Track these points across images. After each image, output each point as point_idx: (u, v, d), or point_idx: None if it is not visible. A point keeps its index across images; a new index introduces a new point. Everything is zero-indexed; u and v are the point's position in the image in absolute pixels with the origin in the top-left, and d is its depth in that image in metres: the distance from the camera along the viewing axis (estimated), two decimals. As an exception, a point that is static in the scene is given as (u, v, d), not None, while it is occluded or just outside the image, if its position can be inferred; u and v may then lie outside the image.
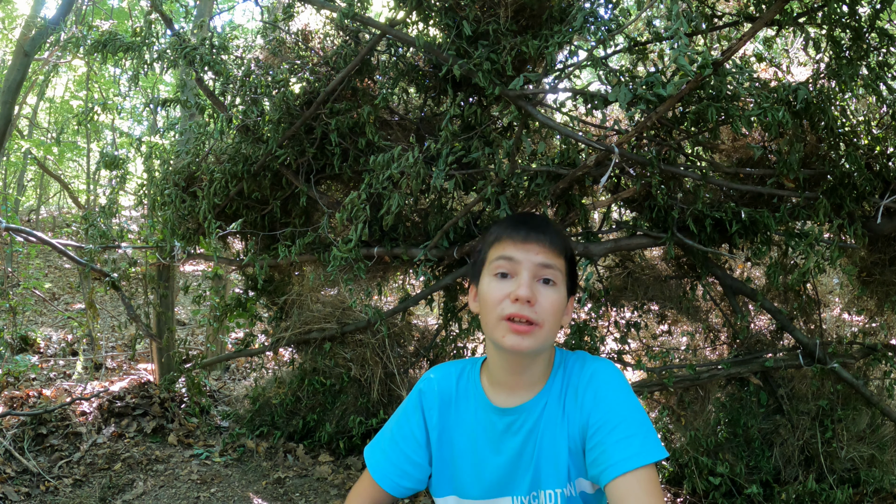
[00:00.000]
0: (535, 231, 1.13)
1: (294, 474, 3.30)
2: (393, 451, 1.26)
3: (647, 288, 3.27)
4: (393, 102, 3.21)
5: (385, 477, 1.24)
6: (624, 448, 1.04)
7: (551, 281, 1.11)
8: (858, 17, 2.49)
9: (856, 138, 2.70)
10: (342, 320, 3.50)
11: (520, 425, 1.16)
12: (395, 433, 1.27)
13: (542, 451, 1.15)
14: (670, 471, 3.19)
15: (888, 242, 2.91)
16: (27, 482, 3.00)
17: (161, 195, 3.30)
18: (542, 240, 1.12)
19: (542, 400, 1.16)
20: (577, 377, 1.15)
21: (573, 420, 1.13)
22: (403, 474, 1.24)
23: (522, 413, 1.16)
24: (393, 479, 1.23)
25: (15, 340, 5.28)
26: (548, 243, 1.12)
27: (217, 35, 3.01)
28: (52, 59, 7.64)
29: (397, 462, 1.24)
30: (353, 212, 2.55)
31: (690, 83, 2.05)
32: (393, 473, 1.24)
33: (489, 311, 1.12)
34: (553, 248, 1.12)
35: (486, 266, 1.16)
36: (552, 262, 1.11)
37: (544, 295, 1.10)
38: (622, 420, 1.07)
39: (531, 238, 1.12)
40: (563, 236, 1.15)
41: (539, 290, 1.10)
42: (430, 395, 1.25)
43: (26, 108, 9.90)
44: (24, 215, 11.43)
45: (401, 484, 1.24)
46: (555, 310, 1.10)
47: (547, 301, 1.10)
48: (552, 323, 1.10)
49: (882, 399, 2.93)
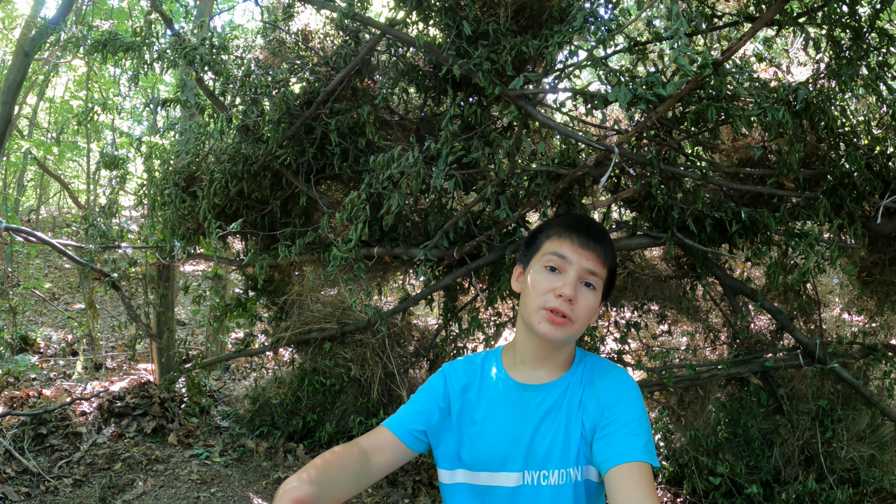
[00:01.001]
0: (592, 239, 1.24)
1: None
2: (408, 407, 1.33)
3: (647, 288, 3.27)
4: (393, 102, 3.21)
5: (395, 423, 1.30)
6: (632, 442, 1.13)
7: (592, 286, 1.23)
8: (858, 17, 2.49)
9: (856, 138, 2.70)
10: (342, 320, 3.50)
11: (539, 401, 1.25)
12: (413, 398, 1.35)
13: (557, 430, 1.23)
14: (670, 471, 3.19)
15: (888, 242, 2.91)
16: (27, 482, 3.00)
17: (161, 195, 3.30)
18: (596, 249, 1.24)
19: (565, 383, 1.26)
20: (600, 373, 1.26)
21: (589, 409, 1.22)
22: (414, 418, 1.30)
23: (543, 391, 1.26)
24: (403, 425, 1.29)
25: (15, 340, 5.28)
26: (600, 253, 1.24)
27: (217, 35, 3.01)
28: (52, 59, 7.64)
29: (409, 412, 1.31)
30: (353, 212, 2.55)
31: (690, 83, 2.05)
32: (404, 420, 1.30)
33: (533, 297, 1.23)
34: (603, 258, 1.24)
35: (538, 256, 1.27)
36: (598, 270, 1.23)
37: (584, 296, 1.22)
38: (634, 419, 1.17)
39: (588, 245, 1.23)
40: (613, 249, 1.28)
41: (580, 291, 1.22)
42: (454, 374, 1.34)
43: (26, 108, 9.91)
44: (24, 215, 11.43)
45: (406, 426, 1.29)
46: (589, 311, 1.23)
47: (585, 302, 1.22)
48: (584, 321, 1.23)
49: (882, 399, 2.93)
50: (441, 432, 1.30)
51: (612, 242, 1.29)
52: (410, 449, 1.28)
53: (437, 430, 1.30)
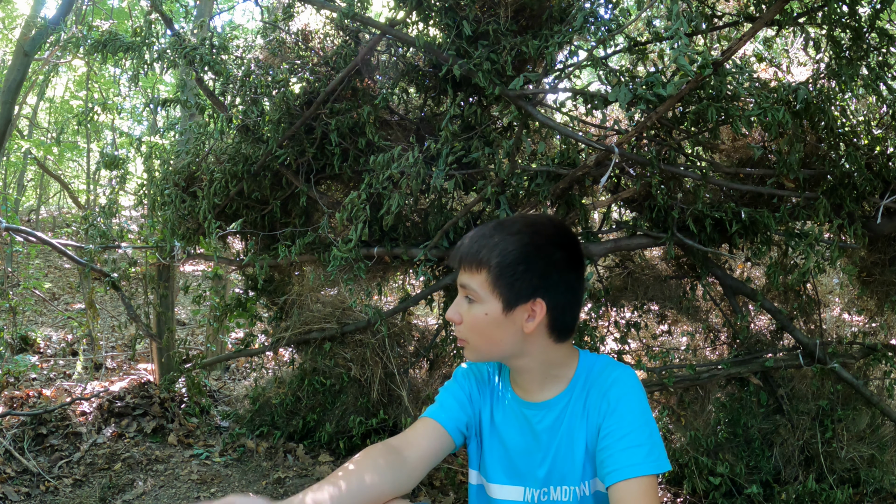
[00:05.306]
0: (459, 250, 1.19)
1: (294, 474, 3.30)
2: (446, 398, 1.29)
3: (647, 288, 3.27)
4: (393, 102, 3.21)
5: (439, 412, 1.26)
6: (630, 456, 1.09)
7: (471, 298, 1.17)
8: (858, 17, 2.49)
9: (856, 138, 2.70)
10: (342, 320, 3.50)
11: (540, 419, 1.21)
12: (448, 390, 1.31)
13: (559, 448, 1.19)
14: (670, 471, 3.19)
15: (888, 242, 2.91)
16: (27, 482, 3.00)
17: (161, 195, 3.30)
18: (458, 259, 1.18)
19: (565, 399, 1.21)
20: (602, 381, 1.19)
21: (592, 421, 1.18)
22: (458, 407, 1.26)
23: (543, 409, 1.21)
24: (448, 414, 1.25)
25: (15, 340, 5.28)
26: (464, 262, 1.17)
27: (217, 35, 3.01)
28: (52, 59, 7.64)
29: (449, 402, 1.27)
30: (353, 212, 2.55)
31: (690, 83, 2.05)
32: (449, 408, 1.26)
33: None
34: (468, 265, 1.16)
35: None
36: (467, 280, 1.16)
37: (466, 313, 1.17)
38: (633, 429, 1.12)
39: (455, 258, 1.19)
40: (484, 247, 1.15)
41: (464, 308, 1.17)
42: (469, 373, 1.32)
43: (26, 108, 9.90)
44: (24, 215, 11.42)
45: (451, 416, 1.25)
46: (472, 327, 1.16)
47: (466, 319, 1.17)
48: (475, 338, 1.17)
49: (882, 399, 2.93)
50: (470, 431, 1.28)
51: (488, 241, 1.15)
52: (453, 439, 1.23)
53: (467, 427, 1.27)
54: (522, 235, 1.16)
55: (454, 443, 1.24)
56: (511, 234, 1.15)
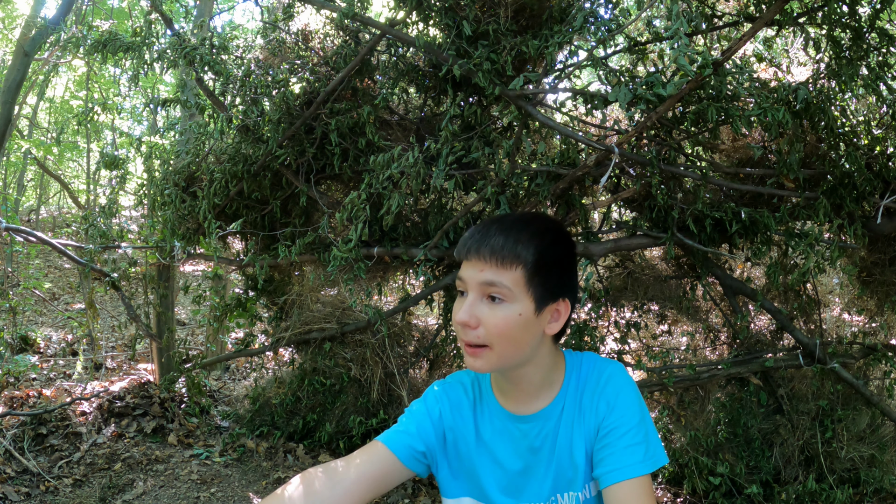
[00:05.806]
0: (481, 244, 1.05)
1: (294, 474, 3.29)
2: (407, 421, 1.20)
3: (647, 288, 3.27)
4: (393, 102, 3.21)
5: (393, 438, 1.16)
6: (630, 455, 1.06)
7: (498, 298, 1.04)
8: (858, 17, 2.49)
9: (856, 138, 2.70)
10: (342, 320, 3.50)
11: (537, 432, 1.15)
12: (409, 416, 1.22)
13: (561, 457, 1.14)
14: (670, 471, 3.19)
15: (888, 242, 2.91)
16: (27, 482, 3.00)
17: (161, 195, 3.30)
18: (483, 254, 1.04)
19: (559, 405, 1.14)
20: (595, 381, 1.13)
21: (589, 422, 1.12)
22: (417, 433, 1.17)
23: (539, 420, 1.15)
24: (402, 441, 1.16)
25: (15, 340, 5.28)
26: (492, 257, 1.04)
27: (217, 35, 3.01)
28: (52, 59, 7.64)
29: (407, 428, 1.18)
30: (353, 212, 2.55)
31: (690, 83, 2.05)
32: (405, 433, 1.17)
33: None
34: (499, 261, 1.04)
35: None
36: (496, 277, 1.03)
37: (490, 314, 1.04)
38: (632, 427, 1.09)
39: (473, 254, 1.06)
40: (518, 243, 1.05)
41: (485, 309, 1.04)
42: (437, 401, 1.22)
43: (26, 108, 9.90)
44: (24, 215, 11.42)
45: (405, 442, 1.16)
46: (502, 329, 1.04)
47: (492, 321, 1.04)
48: (503, 343, 1.04)
49: (882, 399, 2.93)
50: (438, 458, 1.19)
51: (520, 235, 1.06)
52: (406, 467, 1.14)
53: (434, 454, 1.18)
54: (550, 233, 1.09)
55: (409, 470, 1.15)
56: (541, 231, 1.08)
